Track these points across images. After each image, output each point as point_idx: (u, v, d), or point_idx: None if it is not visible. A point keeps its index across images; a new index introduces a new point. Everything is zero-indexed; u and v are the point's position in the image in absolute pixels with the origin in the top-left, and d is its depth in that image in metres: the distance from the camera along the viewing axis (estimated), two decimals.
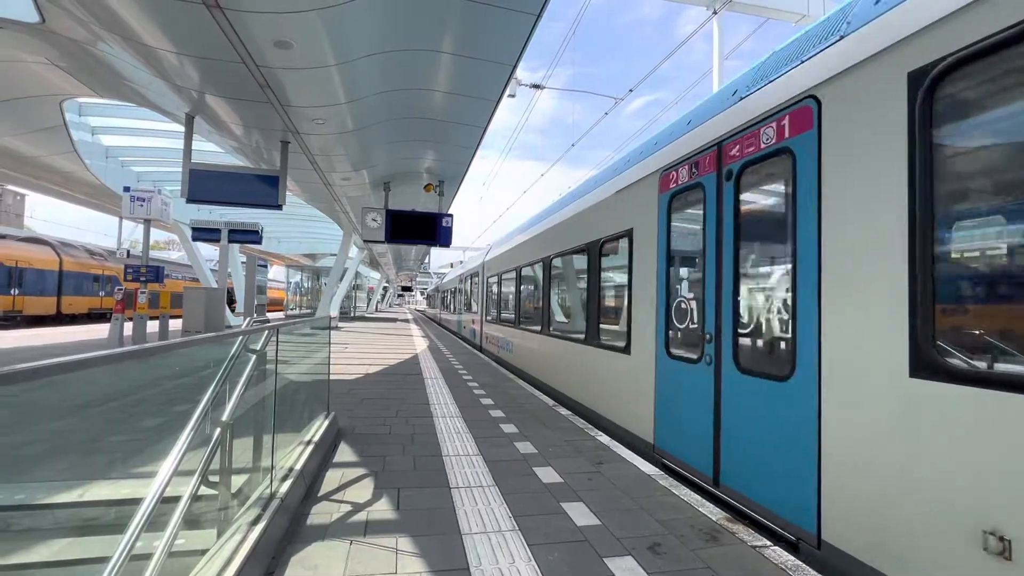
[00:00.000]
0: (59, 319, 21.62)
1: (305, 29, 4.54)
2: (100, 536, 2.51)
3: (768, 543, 2.74)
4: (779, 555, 2.61)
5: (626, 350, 4.91)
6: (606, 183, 5.76)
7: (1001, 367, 1.97)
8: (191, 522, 2.36)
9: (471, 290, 16.53)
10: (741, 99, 3.50)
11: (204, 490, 2.39)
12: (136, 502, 1.88)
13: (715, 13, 10.57)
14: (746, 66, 3.90)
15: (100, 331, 14.57)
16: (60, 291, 21.97)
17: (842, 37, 2.70)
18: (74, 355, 1.34)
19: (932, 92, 2.17)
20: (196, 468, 2.30)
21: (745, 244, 3.42)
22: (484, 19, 4.53)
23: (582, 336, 6.14)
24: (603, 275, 5.89)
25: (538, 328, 8.29)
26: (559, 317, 7.96)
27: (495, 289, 12.23)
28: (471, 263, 17.55)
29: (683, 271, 4.29)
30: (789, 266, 2.95)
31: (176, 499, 2.16)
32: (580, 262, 6.69)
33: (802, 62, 2.96)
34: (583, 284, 6.40)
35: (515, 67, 5.39)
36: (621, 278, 5.37)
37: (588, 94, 16.19)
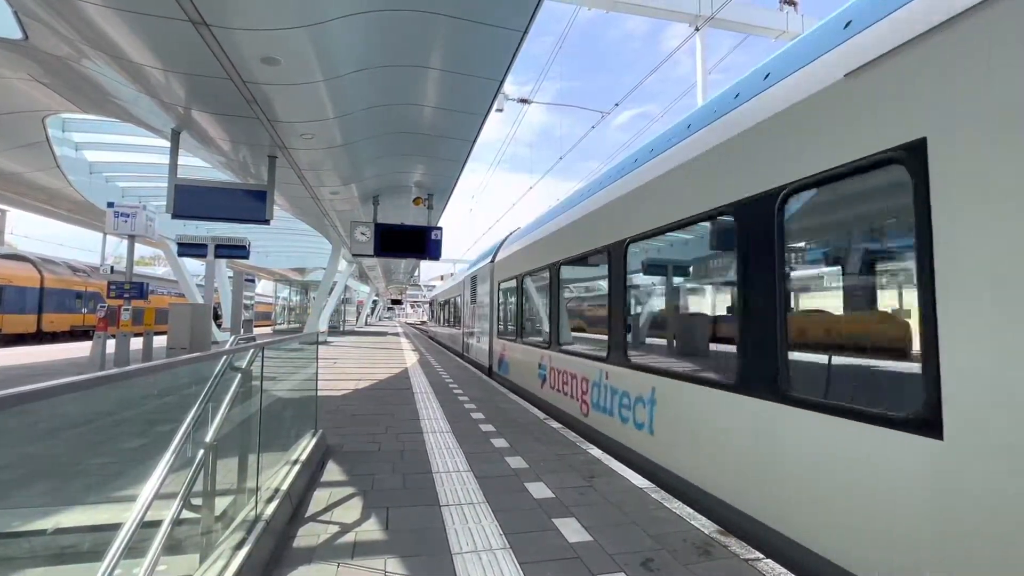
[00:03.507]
0: (40, 337, 21.15)
1: (292, 46, 4.56)
2: (77, 564, 2.43)
3: (760, 556, 2.73)
4: (772, 567, 2.60)
5: None
6: None
7: None
8: (172, 547, 2.29)
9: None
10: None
11: (186, 514, 2.32)
12: (115, 528, 1.83)
13: (697, 30, 10.82)
14: (730, 80, 3.91)
15: (82, 349, 14.26)
16: (41, 308, 21.52)
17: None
18: (44, 382, 1.31)
19: None
20: (178, 491, 2.24)
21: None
22: (470, 36, 4.58)
23: None
24: None
25: None
26: None
27: None
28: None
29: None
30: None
31: (157, 524, 2.10)
32: None
33: None
34: None
35: (502, 82, 5.45)
36: None
37: (576, 108, 16.41)
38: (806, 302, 3.57)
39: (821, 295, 3.48)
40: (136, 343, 11.53)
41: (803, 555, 2.57)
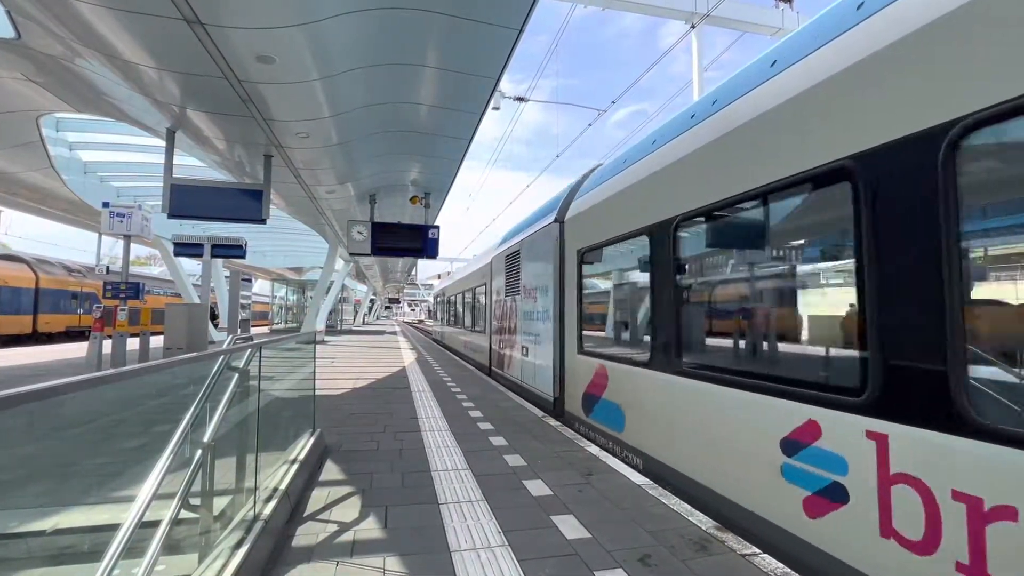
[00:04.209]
0: (36, 338, 21.05)
1: (287, 44, 4.55)
2: (76, 564, 2.43)
3: (757, 551, 2.75)
4: (768, 562, 2.62)
5: None
6: None
7: None
8: (171, 547, 2.29)
9: None
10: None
11: (185, 514, 2.33)
12: (114, 528, 1.83)
13: (693, 27, 10.82)
14: (726, 76, 4.01)
15: (78, 350, 14.21)
16: (36, 309, 21.42)
17: None
18: (46, 382, 1.31)
19: None
20: (176, 491, 2.24)
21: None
22: (467, 34, 4.58)
23: None
24: None
25: None
26: None
27: None
28: None
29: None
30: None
31: (155, 524, 2.11)
32: None
33: None
34: None
35: (498, 80, 5.45)
36: None
37: (572, 106, 16.43)
38: None
39: None
40: (133, 343, 11.49)
41: None
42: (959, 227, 2.05)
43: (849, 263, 2.58)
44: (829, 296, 3.24)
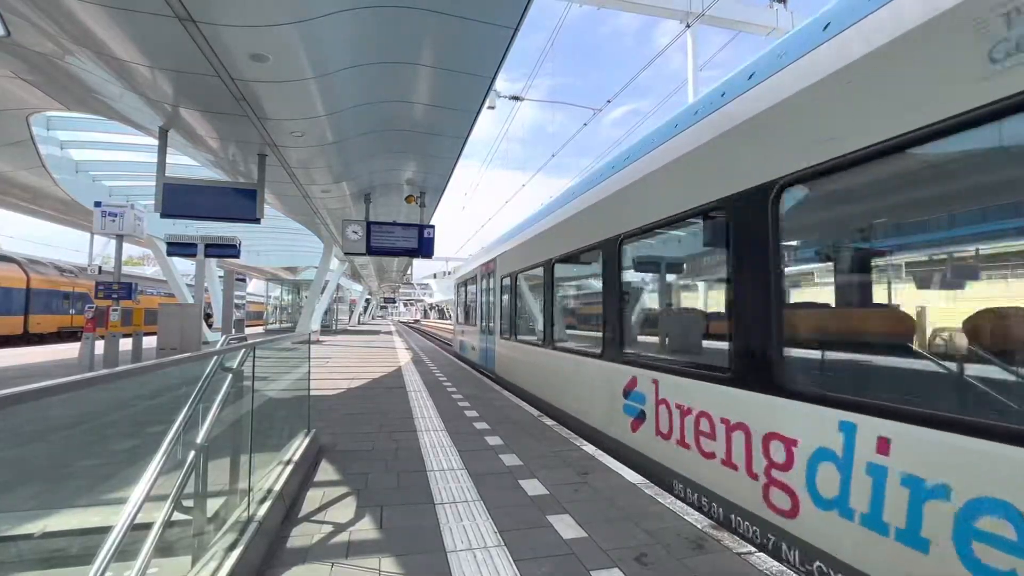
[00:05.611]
0: (27, 339, 20.85)
1: (281, 42, 4.52)
2: (67, 568, 2.40)
3: (753, 550, 2.75)
4: (763, 561, 2.62)
5: None
6: None
7: None
8: (164, 550, 2.27)
9: None
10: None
11: (178, 515, 2.30)
12: (105, 531, 1.81)
13: (688, 27, 10.85)
14: (722, 76, 4.02)
15: (70, 351, 14.09)
16: (27, 310, 21.22)
17: None
18: (36, 383, 1.29)
19: None
20: (169, 493, 2.22)
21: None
22: (462, 32, 4.56)
23: None
24: None
25: None
26: None
27: None
28: None
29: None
30: None
31: (148, 526, 2.08)
32: None
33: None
34: None
35: (494, 79, 5.44)
36: None
37: (568, 105, 16.45)
38: None
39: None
40: (125, 344, 11.40)
41: None
42: None
43: None
44: None
